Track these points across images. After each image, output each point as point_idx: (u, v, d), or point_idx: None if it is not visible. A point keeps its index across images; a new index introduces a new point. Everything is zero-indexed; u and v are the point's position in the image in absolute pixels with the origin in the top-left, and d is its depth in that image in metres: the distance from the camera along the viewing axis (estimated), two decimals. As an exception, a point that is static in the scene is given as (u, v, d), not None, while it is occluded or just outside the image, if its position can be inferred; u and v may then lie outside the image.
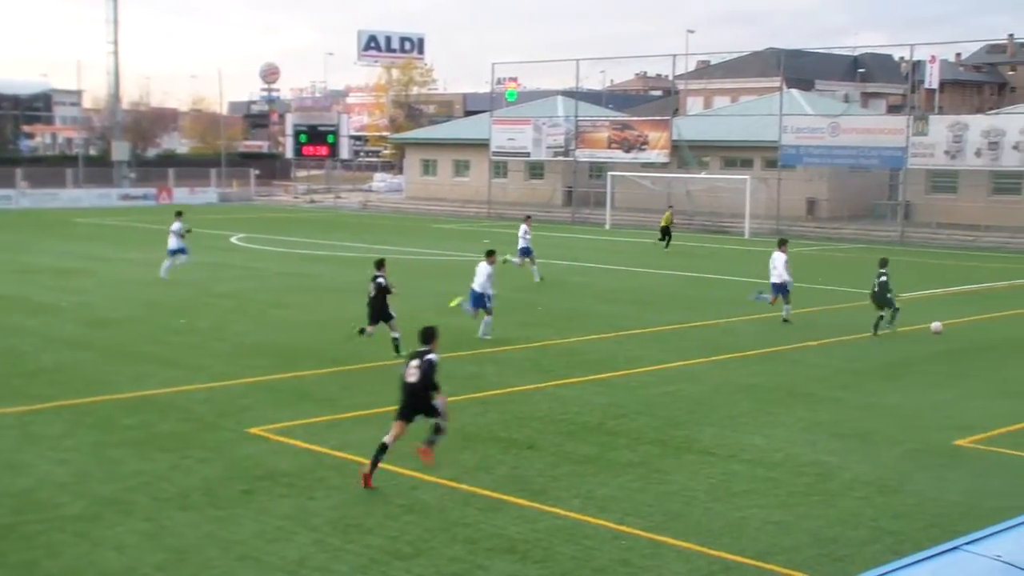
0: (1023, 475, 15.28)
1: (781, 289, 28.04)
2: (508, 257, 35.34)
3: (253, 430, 16.83)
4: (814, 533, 12.82)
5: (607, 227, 63.80)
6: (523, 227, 37.85)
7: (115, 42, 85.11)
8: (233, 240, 51.04)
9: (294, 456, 15.50)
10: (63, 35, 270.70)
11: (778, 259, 28.05)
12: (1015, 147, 54.03)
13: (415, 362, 14.19)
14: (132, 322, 26.99)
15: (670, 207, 54.94)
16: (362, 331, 22.96)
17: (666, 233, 49.15)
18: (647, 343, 25.30)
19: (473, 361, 22.59)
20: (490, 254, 25.71)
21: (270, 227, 58.43)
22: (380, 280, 22.84)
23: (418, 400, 14.16)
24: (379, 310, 22.85)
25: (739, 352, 24.18)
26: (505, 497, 13.81)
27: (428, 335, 14.46)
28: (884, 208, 64.04)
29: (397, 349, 22.10)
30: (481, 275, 25.07)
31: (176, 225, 35.73)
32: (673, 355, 23.67)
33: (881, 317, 26.50)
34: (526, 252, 36.77)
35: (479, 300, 25.13)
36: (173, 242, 35.53)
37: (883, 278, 26.57)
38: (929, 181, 61.49)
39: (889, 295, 26.47)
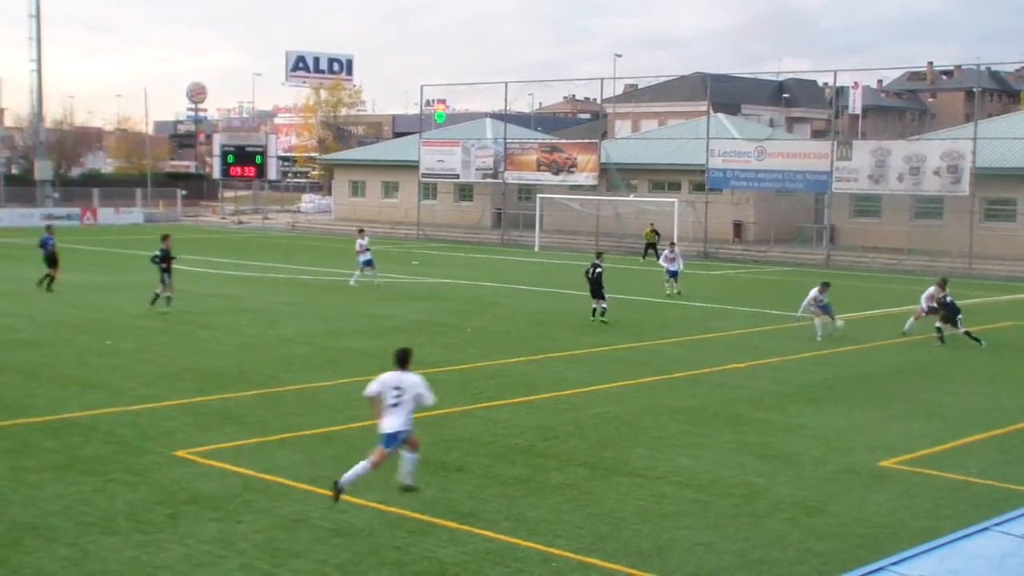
0: (947, 496, 15.45)
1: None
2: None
3: (179, 453, 16.63)
4: (742, 555, 12.88)
5: (536, 249, 63.97)
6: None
7: (37, 60, 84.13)
8: (159, 261, 50.42)
9: (221, 479, 15.33)
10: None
11: None
12: (936, 172, 54.99)
13: None
14: (54, 344, 26.58)
15: (651, 223, 57.41)
16: (595, 311, 31.85)
17: (651, 247, 55.54)
18: (576, 365, 25.34)
19: (402, 383, 22.45)
20: (825, 284, 30.66)
21: (197, 248, 57.85)
22: (599, 268, 31.93)
23: None
24: (597, 289, 31.71)
25: (666, 374, 24.31)
26: (434, 520, 13.74)
27: None
28: (810, 231, 64.85)
29: (599, 314, 31.67)
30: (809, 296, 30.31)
31: (361, 241, 41.35)
32: (602, 377, 23.74)
33: None
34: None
35: (827, 308, 30.21)
36: (364, 256, 40.82)
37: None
38: (853, 205, 62.40)
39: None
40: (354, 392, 21.35)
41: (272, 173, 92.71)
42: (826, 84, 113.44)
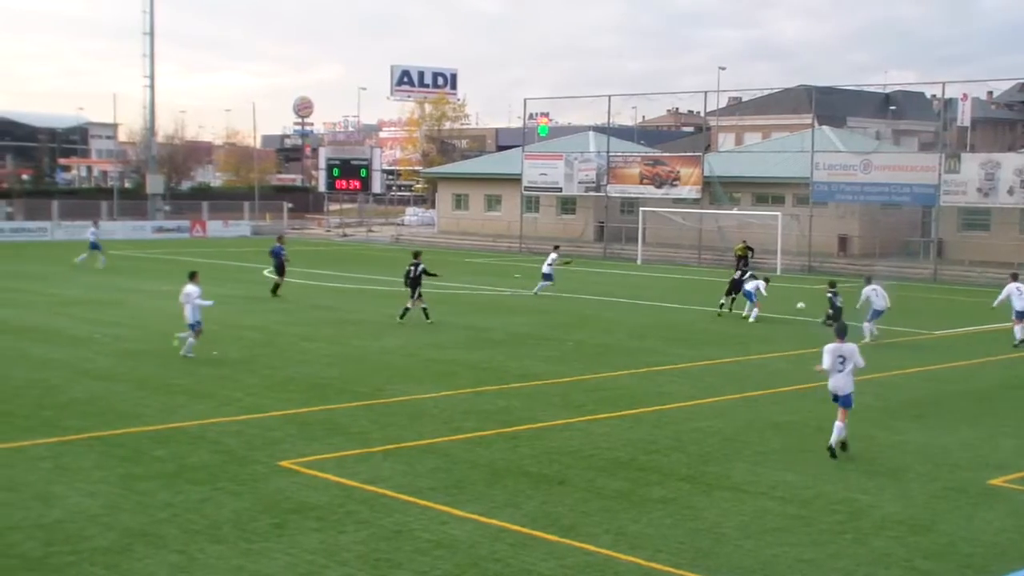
0: (1058, 516, 15.09)
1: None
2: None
3: (284, 463, 16.86)
4: (846, 572, 12.71)
5: (638, 262, 63.77)
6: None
7: (151, 76, 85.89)
8: (266, 273, 51.19)
9: (324, 490, 15.51)
10: (100, 69, 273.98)
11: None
12: (1048, 185, 53.76)
13: None
14: (163, 354, 27.10)
15: (743, 241, 56.10)
16: (734, 311, 36.28)
17: (743, 260, 52.94)
18: (678, 379, 25.23)
19: (502, 395, 22.58)
20: (1015, 276, 32.15)
21: (302, 260, 58.61)
22: (747, 274, 37.25)
23: None
24: (735, 287, 36.89)
25: (770, 388, 24.09)
26: (535, 533, 13.76)
27: None
28: (916, 245, 63.78)
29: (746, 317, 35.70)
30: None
31: (552, 256, 43.99)
32: (704, 391, 23.60)
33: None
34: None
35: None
36: (546, 268, 43.43)
37: None
38: (961, 218, 61.29)
39: None
40: (457, 404, 21.55)
41: (376, 186, 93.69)
42: (934, 96, 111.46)
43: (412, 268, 33.93)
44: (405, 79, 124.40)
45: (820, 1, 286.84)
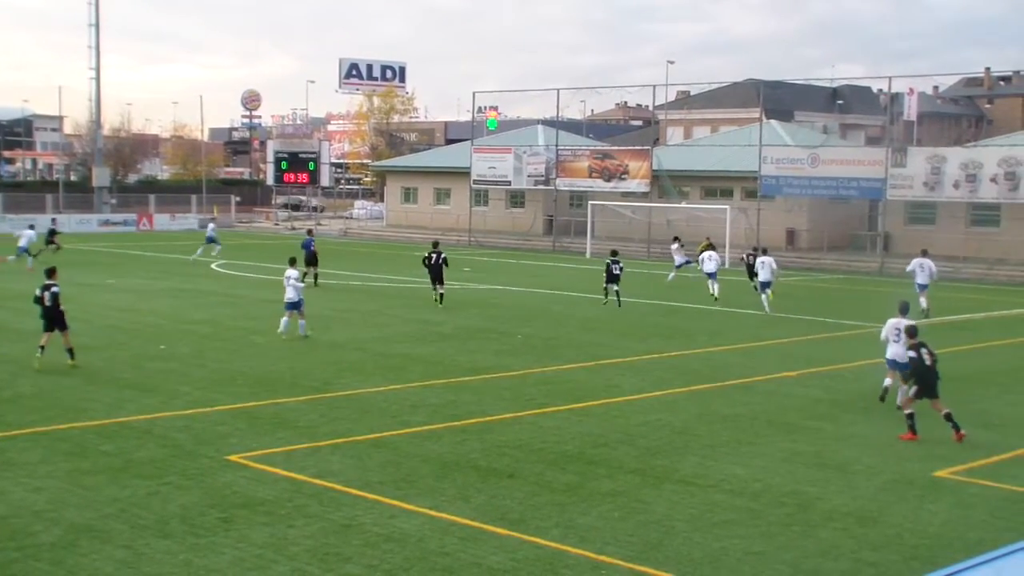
0: (1004, 507, 15.27)
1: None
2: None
3: (232, 457, 16.75)
4: (794, 564, 12.80)
5: (587, 256, 63.84)
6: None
7: (96, 68, 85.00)
8: (213, 267, 50.89)
9: (273, 484, 15.43)
10: (45, 61, 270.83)
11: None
12: (992, 179, 54.34)
13: (925, 351, 19.35)
14: (110, 348, 26.87)
15: (707, 238, 56.28)
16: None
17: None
18: (627, 372, 25.29)
19: (451, 389, 22.55)
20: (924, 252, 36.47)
21: (250, 254, 58.26)
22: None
23: (935, 378, 19.35)
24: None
25: (718, 382, 24.20)
26: (484, 526, 13.76)
27: (913, 331, 20.12)
28: (864, 239, 64.30)
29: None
30: None
31: (675, 246, 48.08)
32: (652, 384, 23.67)
33: None
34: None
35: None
36: (678, 259, 47.03)
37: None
38: (908, 212, 61.81)
39: None
40: (406, 398, 21.50)
41: (325, 179, 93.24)
42: (881, 90, 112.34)
43: (435, 256, 36.21)
44: (354, 72, 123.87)
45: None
